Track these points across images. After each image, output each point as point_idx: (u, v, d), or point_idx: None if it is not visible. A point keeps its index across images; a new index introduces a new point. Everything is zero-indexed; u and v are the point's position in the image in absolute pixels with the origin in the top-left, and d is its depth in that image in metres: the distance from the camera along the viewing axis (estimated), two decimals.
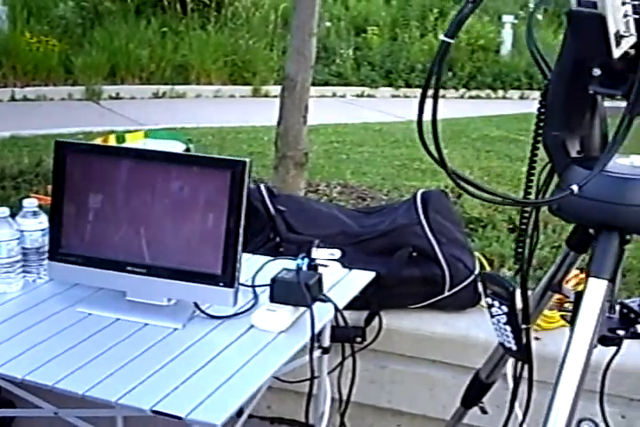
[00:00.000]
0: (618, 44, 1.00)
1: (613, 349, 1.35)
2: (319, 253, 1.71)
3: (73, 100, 7.60)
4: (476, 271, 2.12)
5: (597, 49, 1.02)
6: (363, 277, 1.82)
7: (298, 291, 1.52)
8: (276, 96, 8.97)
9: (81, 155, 1.60)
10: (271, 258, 1.85)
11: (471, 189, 1.06)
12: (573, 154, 1.27)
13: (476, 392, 1.67)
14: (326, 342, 1.77)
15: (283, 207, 2.17)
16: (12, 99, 7.33)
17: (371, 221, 2.26)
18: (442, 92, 8.11)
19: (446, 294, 2.09)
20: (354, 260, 2.11)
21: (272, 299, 1.55)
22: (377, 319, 2.07)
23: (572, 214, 1.26)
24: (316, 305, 1.56)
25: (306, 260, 1.59)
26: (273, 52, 8.21)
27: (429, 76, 0.93)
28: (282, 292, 1.54)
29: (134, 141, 2.48)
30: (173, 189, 1.54)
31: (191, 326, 1.55)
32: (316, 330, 1.52)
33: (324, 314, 1.58)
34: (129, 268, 1.57)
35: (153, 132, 2.53)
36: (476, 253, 2.28)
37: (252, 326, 1.55)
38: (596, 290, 1.23)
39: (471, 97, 8.61)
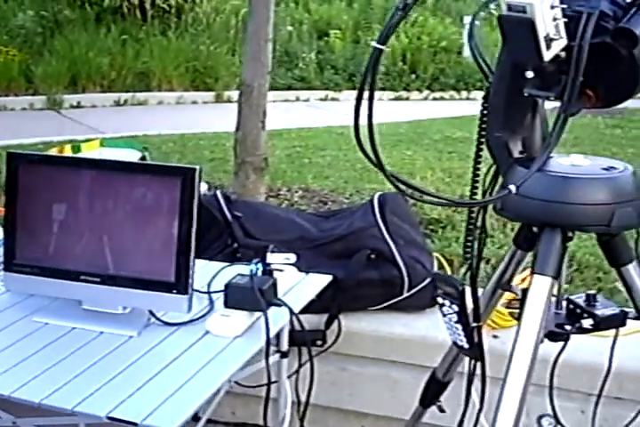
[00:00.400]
0: (548, 47, 1.03)
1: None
2: (274, 258, 1.72)
3: (34, 110, 7.54)
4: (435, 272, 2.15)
5: (529, 52, 1.04)
6: (319, 281, 1.84)
7: (252, 296, 1.53)
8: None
9: (32, 166, 1.59)
10: (227, 264, 1.86)
11: (411, 191, 1.08)
12: (516, 154, 1.30)
13: (433, 391, 1.69)
14: (284, 346, 1.78)
15: (239, 213, 2.18)
16: None
17: (329, 225, 2.28)
18: (405, 94, 8.16)
19: (405, 295, 2.11)
20: (313, 264, 2.13)
21: (226, 304, 1.56)
22: (337, 322, 2.09)
23: (515, 213, 1.29)
24: (272, 310, 1.57)
25: (260, 265, 1.60)
26: (235, 57, 8.21)
27: (363, 82, 0.95)
28: (236, 297, 1.55)
29: (90, 151, 2.46)
30: (124, 198, 1.54)
31: (147, 334, 1.55)
32: (272, 334, 1.53)
33: (279, 318, 1.59)
34: (83, 277, 1.57)
35: (108, 141, 2.53)
36: (436, 254, 2.31)
37: (207, 332, 1.55)
38: (541, 287, 1.25)
39: (435, 98, 8.69)
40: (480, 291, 1.46)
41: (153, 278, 1.54)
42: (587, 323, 1.33)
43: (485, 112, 1.29)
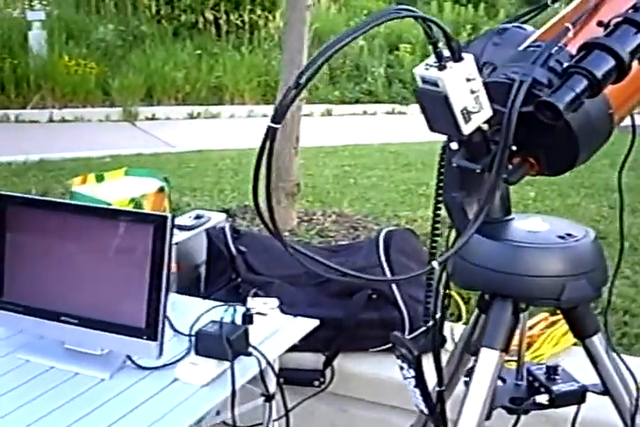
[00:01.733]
0: (467, 120, 0.98)
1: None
2: (255, 303, 1.72)
3: (110, 122, 7.76)
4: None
5: (448, 126, 1.00)
6: (305, 325, 1.82)
7: (220, 345, 1.52)
8: (308, 115, 9.02)
9: (18, 207, 1.64)
10: (218, 304, 1.85)
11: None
12: (471, 216, 1.24)
13: None
14: (271, 388, 1.77)
15: (244, 248, 2.18)
16: (51, 120, 7.53)
17: (336, 261, 2.25)
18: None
19: (406, 337, 2.06)
20: (314, 301, 2.12)
21: (196, 352, 1.56)
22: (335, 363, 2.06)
23: (465, 282, 1.24)
24: (245, 358, 1.56)
25: (231, 311, 1.59)
26: None
27: (259, 159, 0.93)
28: (205, 345, 1.55)
29: (114, 179, 2.51)
30: (100, 243, 1.57)
31: (119, 377, 1.57)
32: (240, 384, 1.52)
33: (250, 367, 1.58)
34: (63, 318, 1.60)
35: (132, 171, 2.56)
36: (452, 292, 2.25)
37: (176, 379, 1.56)
38: (488, 360, 1.21)
39: None
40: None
41: (125, 323, 1.56)
42: (542, 398, 1.27)
43: (442, 171, 1.25)
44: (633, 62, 0.99)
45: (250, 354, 1.57)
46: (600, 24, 1.02)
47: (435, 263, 1.04)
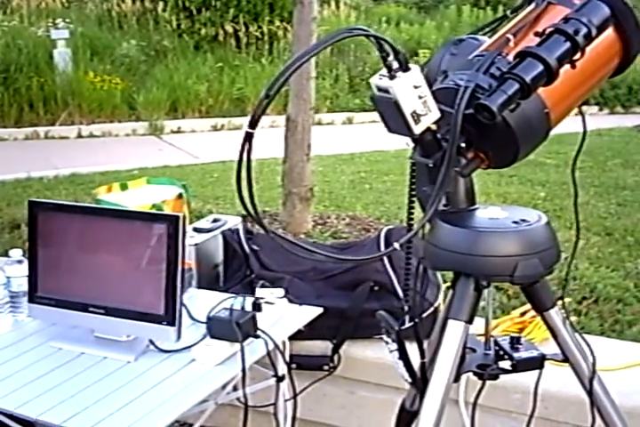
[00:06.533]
0: (417, 121, 1.16)
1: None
2: (263, 293, 1.90)
3: (137, 136, 8.01)
4: (437, 303, 2.27)
5: (401, 127, 1.18)
6: (310, 312, 2.00)
7: (230, 328, 1.70)
8: (330, 123, 9.14)
9: (49, 212, 1.84)
10: (231, 295, 2.04)
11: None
12: (440, 207, 1.42)
13: (402, 421, 1.80)
14: (280, 369, 1.94)
15: (257, 247, 2.37)
16: (79, 136, 7.81)
17: (344, 257, 2.43)
18: None
19: (407, 325, 2.23)
20: (322, 293, 2.31)
21: (210, 335, 1.75)
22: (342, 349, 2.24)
23: (434, 263, 1.41)
24: (254, 340, 1.75)
25: (240, 300, 1.78)
26: (325, 81, 8.46)
27: (240, 163, 1.12)
28: (217, 329, 1.74)
29: (137, 187, 2.72)
30: (121, 241, 1.78)
31: (142, 359, 1.76)
32: (249, 363, 1.71)
33: (258, 348, 1.76)
34: (90, 309, 1.80)
35: (153, 179, 2.77)
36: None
37: (193, 360, 1.74)
38: (454, 331, 1.37)
39: None
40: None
41: (146, 311, 1.75)
42: (505, 364, 1.43)
43: (414, 167, 1.42)
44: (563, 66, 1.17)
45: (258, 336, 1.75)
46: (537, 34, 1.19)
47: (396, 244, 1.22)
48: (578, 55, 1.16)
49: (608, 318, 2.52)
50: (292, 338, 2.18)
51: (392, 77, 1.13)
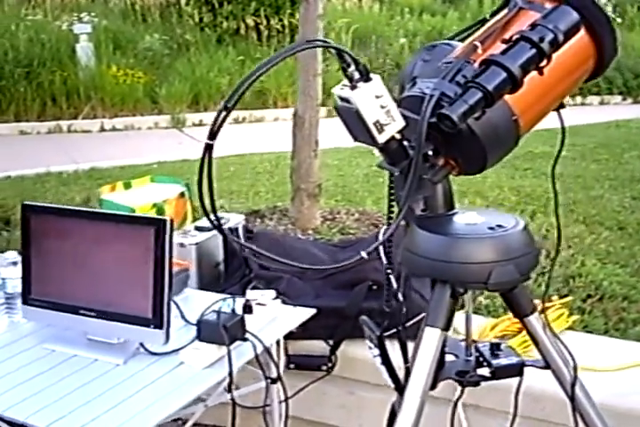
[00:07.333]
0: (380, 131, 1.15)
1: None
2: (253, 294, 1.91)
3: (159, 129, 8.05)
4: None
5: (365, 136, 1.17)
6: (303, 314, 2.00)
7: (218, 331, 1.71)
8: None
9: (41, 215, 1.86)
10: (226, 296, 2.04)
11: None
12: (418, 212, 1.41)
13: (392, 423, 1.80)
14: (272, 371, 1.95)
15: (255, 246, 2.37)
16: (102, 129, 7.86)
17: (344, 256, 2.43)
18: None
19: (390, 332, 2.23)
20: (321, 292, 2.31)
21: (199, 338, 1.76)
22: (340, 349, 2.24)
23: (412, 270, 1.41)
24: (244, 343, 1.75)
25: (229, 302, 1.78)
26: None
27: (200, 175, 1.12)
28: (205, 332, 1.74)
29: (141, 186, 2.74)
30: (111, 245, 1.79)
31: (132, 362, 1.78)
32: (237, 366, 1.71)
33: (246, 351, 1.77)
34: (81, 311, 1.82)
35: (157, 178, 2.78)
36: None
37: (182, 362, 1.76)
38: (431, 338, 1.37)
39: None
40: None
41: (134, 314, 1.76)
42: (484, 371, 1.42)
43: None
44: (529, 74, 1.15)
45: (246, 339, 1.76)
46: (504, 41, 1.18)
47: (363, 253, 1.22)
48: (544, 62, 1.14)
49: (612, 316, 2.49)
50: (290, 338, 2.19)
51: (353, 88, 1.12)
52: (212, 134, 1.14)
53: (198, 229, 2.53)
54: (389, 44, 8.55)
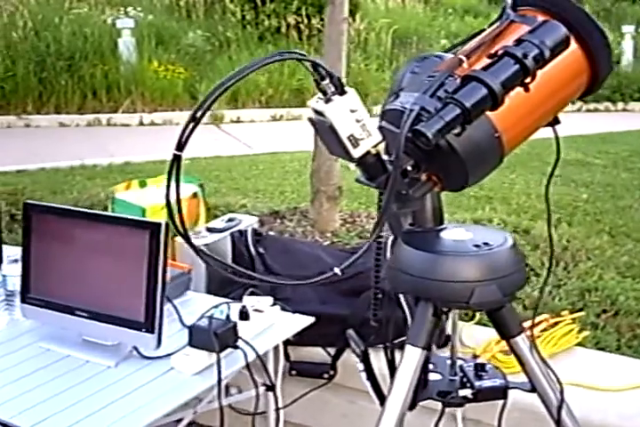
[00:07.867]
0: (355, 145, 1.12)
1: None
2: (249, 301, 1.89)
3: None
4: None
5: (339, 150, 1.14)
6: (301, 321, 1.98)
7: (209, 338, 1.70)
8: (374, 116, 9.14)
9: (42, 214, 1.86)
10: (224, 301, 2.03)
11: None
12: (406, 226, 1.38)
13: None
14: (266, 379, 1.93)
15: (263, 250, 2.36)
16: (141, 123, 7.94)
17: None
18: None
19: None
20: (326, 299, 2.29)
21: (191, 344, 1.74)
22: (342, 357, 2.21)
23: (395, 286, 1.37)
24: (238, 350, 1.74)
25: (222, 308, 1.77)
26: (385, 73, 8.38)
27: (169, 183, 1.10)
28: (197, 338, 1.73)
29: (155, 185, 2.74)
30: (106, 247, 1.79)
31: (123, 365, 1.77)
32: (226, 374, 1.70)
33: (237, 359, 1.75)
34: (77, 312, 1.82)
35: None
36: None
37: (172, 368, 1.75)
38: (411, 357, 1.33)
39: (589, 110, 8.39)
40: None
41: (127, 317, 1.76)
42: (467, 392, 1.38)
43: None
44: (511, 91, 1.11)
45: (237, 347, 1.74)
46: (489, 56, 1.14)
47: (336, 269, 1.19)
48: (529, 79, 1.10)
49: (626, 332, 2.42)
50: (292, 344, 2.17)
51: (327, 101, 1.10)
52: (181, 146, 1.12)
53: (209, 230, 2.52)
54: (430, 46, 8.48)
